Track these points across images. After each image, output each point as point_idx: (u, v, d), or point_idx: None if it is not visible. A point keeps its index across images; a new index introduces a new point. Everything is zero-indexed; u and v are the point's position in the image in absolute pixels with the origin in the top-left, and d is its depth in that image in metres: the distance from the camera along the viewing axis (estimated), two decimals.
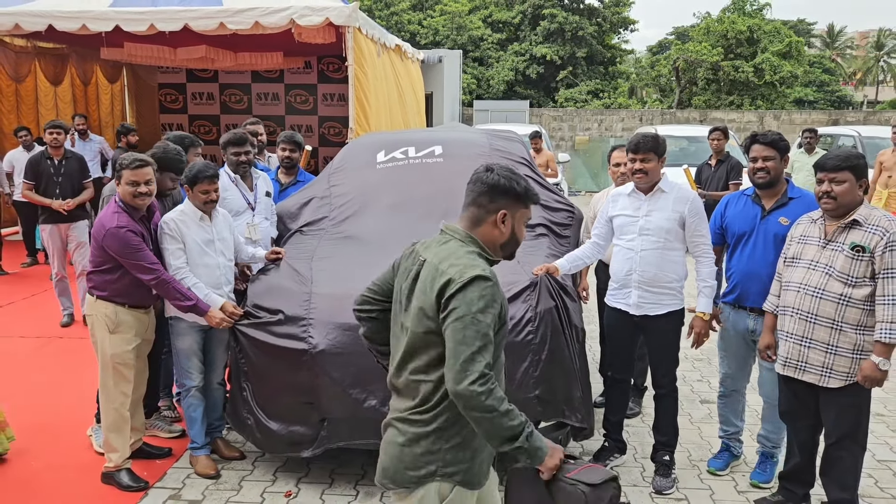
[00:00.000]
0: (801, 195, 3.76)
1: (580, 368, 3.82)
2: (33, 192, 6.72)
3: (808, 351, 3.30)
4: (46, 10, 8.49)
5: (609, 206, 4.03)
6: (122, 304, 3.84)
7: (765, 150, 3.73)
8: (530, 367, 3.65)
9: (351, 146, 5.67)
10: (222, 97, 14.17)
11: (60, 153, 6.88)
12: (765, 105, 26.50)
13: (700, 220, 3.78)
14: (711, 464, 4.18)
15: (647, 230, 3.81)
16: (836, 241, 3.23)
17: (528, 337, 3.66)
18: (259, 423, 3.86)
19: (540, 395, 3.66)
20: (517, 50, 29.01)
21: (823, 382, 3.27)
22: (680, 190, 3.86)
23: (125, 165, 3.76)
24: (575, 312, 3.87)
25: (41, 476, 4.01)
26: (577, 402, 3.78)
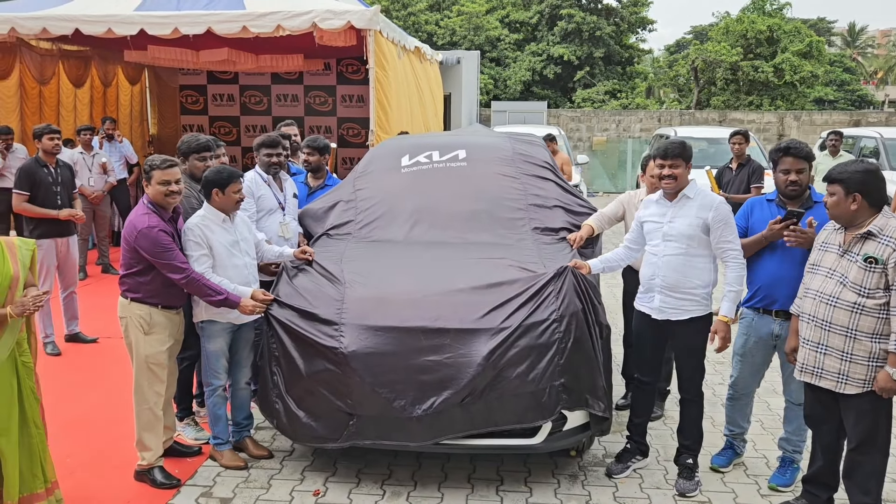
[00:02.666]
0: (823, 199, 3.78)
1: (604, 362, 3.89)
2: (31, 205, 5.93)
3: (823, 357, 3.33)
4: (73, 15, 8.62)
5: (641, 212, 4.10)
6: (155, 306, 3.93)
7: (798, 162, 3.77)
8: (555, 355, 3.72)
9: (376, 150, 5.75)
10: (242, 99, 14.29)
11: (55, 161, 6.20)
12: (784, 105, 26.31)
13: (726, 226, 3.79)
14: (714, 460, 4.24)
15: (671, 236, 3.86)
16: (852, 251, 3.27)
17: (553, 326, 3.74)
18: (287, 410, 3.93)
19: (565, 383, 3.73)
20: (534, 50, 28.98)
21: (840, 389, 3.30)
22: (705, 196, 3.88)
23: (156, 166, 3.85)
24: (600, 309, 3.95)
25: (76, 474, 4.10)
26: (600, 391, 3.85)
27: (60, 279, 6.19)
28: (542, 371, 3.70)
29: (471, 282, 3.97)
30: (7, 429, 3.30)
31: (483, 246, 4.49)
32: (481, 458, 4.27)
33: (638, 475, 4.15)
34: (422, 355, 3.69)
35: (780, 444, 4.11)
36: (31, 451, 3.41)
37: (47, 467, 3.51)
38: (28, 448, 3.40)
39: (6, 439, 3.30)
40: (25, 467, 3.39)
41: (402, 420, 3.68)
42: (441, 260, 4.30)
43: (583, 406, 3.81)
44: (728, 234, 3.80)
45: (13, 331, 3.31)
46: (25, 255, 3.41)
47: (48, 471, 3.51)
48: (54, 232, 6.02)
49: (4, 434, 3.29)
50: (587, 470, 4.20)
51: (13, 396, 3.33)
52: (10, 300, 3.27)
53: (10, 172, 8.36)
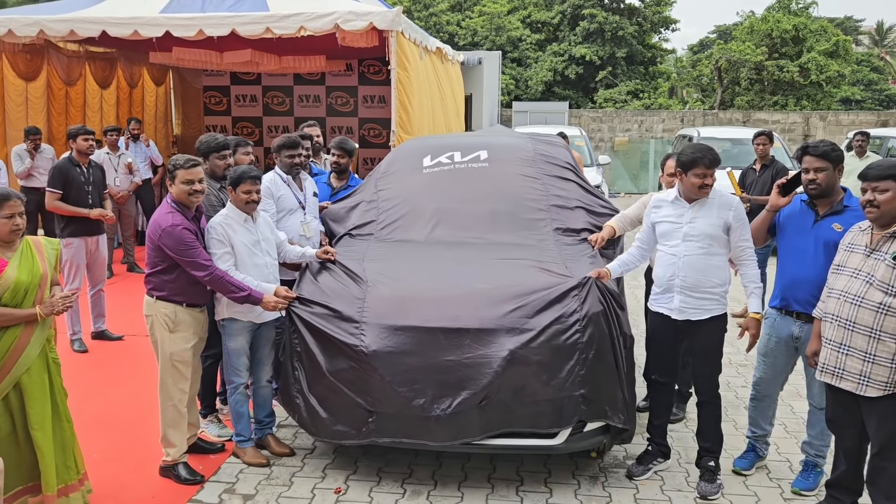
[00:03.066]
0: (857, 205, 3.67)
1: (626, 372, 3.87)
2: (63, 203, 6.06)
3: (845, 358, 3.30)
4: (100, 17, 8.74)
5: (652, 213, 4.07)
6: (180, 304, 3.98)
7: (816, 161, 3.73)
8: (576, 365, 3.70)
9: (397, 151, 5.78)
10: (265, 99, 14.42)
11: (87, 161, 6.36)
12: (810, 105, 25.95)
13: (744, 225, 3.85)
14: (737, 463, 4.21)
15: (692, 236, 3.85)
16: (880, 250, 3.24)
17: (576, 336, 3.72)
18: (308, 405, 3.97)
19: (585, 394, 3.72)
20: (556, 50, 28.86)
21: (861, 391, 3.26)
22: (723, 196, 3.90)
23: (180, 165, 3.91)
24: (624, 318, 3.92)
25: (103, 469, 4.17)
26: (620, 404, 3.84)
27: (89, 277, 6.31)
28: (562, 380, 3.69)
29: (492, 283, 3.98)
30: (42, 423, 3.41)
31: (504, 247, 4.49)
32: (501, 458, 4.28)
33: (659, 477, 4.13)
34: (441, 355, 3.71)
35: (804, 447, 4.07)
36: (64, 444, 3.54)
37: (78, 459, 3.63)
38: (61, 441, 3.52)
39: (42, 433, 3.40)
40: (59, 460, 3.50)
41: (421, 419, 3.70)
42: (462, 260, 4.31)
43: (602, 417, 3.81)
44: (746, 234, 3.87)
45: (44, 328, 3.42)
46: (51, 254, 3.53)
47: (79, 462, 3.63)
48: (84, 231, 6.15)
49: (40, 428, 3.40)
50: (608, 471, 4.19)
51: (46, 392, 3.44)
52: (39, 298, 3.38)
53: (39, 172, 8.53)
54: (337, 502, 3.86)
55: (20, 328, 3.32)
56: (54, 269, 3.53)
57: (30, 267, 3.37)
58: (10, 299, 3.30)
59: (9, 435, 3.40)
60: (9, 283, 3.28)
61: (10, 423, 3.39)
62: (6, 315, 3.27)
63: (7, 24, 8.67)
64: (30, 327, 3.35)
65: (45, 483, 3.42)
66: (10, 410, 3.38)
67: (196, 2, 8.99)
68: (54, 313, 3.38)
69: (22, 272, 3.33)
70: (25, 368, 3.35)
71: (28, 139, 8.69)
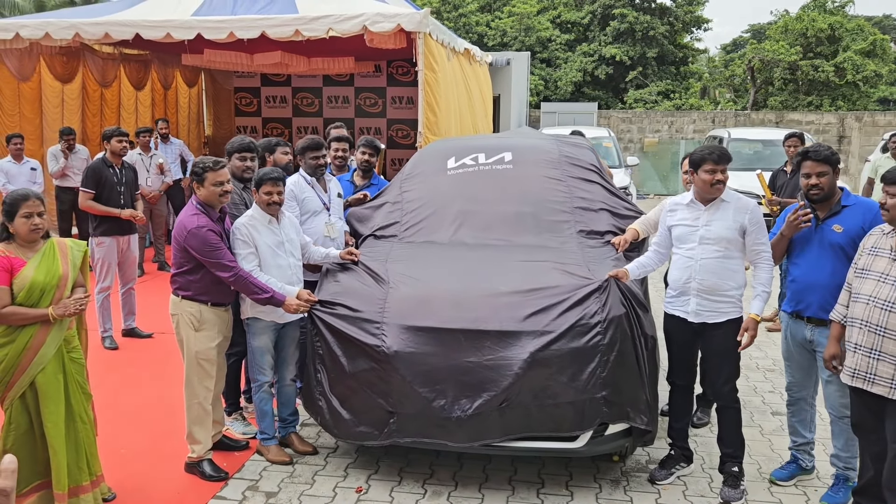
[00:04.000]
0: (855, 202, 3.78)
1: (649, 374, 3.85)
2: (96, 202, 6.19)
3: (876, 363, 3.26)
4: (134, 20, 8.92)
5: (667, 216, 4.06)
6: (205, 303, 4.05)
7: (818, 166, 3.75)
8: (598, 367, 3.70)
9: (422, 153, 5.80)
10: (294, 100, 14.56)
11: (121, 162, 6.48)
12: (846, 106, 25.46)
13: (760, 228, 3.82)
14: (775, 473, 4.15)
15: (708, 239, 3.83)
16: None
17: (597, 338, 3.71)
18: (330, 407, 4.00)
19: (607, 395, 3.71)
20: (586, 51, 28.69)
21: (892, 395, 3.22)
22: (739, 199, 3.89)
23: (209, 167, 3.97)
24: (646, 320, 3.90)
25: (130, 464, 4.26)
26: (642, 405, 3.82)
27: (120, 275, 6.45)
28: (583, 382, 3.68)
29: (514, 285, 3.98)
30: (56, 422, 3.44)
31: (528, 248, 4.49)
32: (522, 461, 4.28)
33: (682, 482, 4.10)
34: (462, 356, 3.72)
35: (832, 461, 3.98)
36: (78, 445, 3.55)
37: (93, 461, 3.64)
38: (74, 441, 3.53)
39: (55, 431, 3.44)
40: (72, 459, 3.52)
41: (442, 420, 3.72)
42: (485, 262, 4.32)
43: (624, 419, 3.79)
44: (762, 237, 3.83)
45: (61, 328, 3.45)
46: (77, 255, 3.56)
47: (94, 464, 3.65)
48: (116, 230, 6.28)
49: (53, 427, 3.44)
50: (630, 475, 4.17)
51: (60, 391, 3.47)
52: (58, 299, 3.41)
53: (73, 172, 8.71)
54: (358, 501, 3.89)
55: (36, 327, 3.36)
56: (79, 270, 3.55)
57: (48, 267, 3.40)
58: (25, 299, 3.33)
59: (26, 432, 3.45)
60: (25, 282, 3.32)
61: (28, 421, 3.45)
62: (19, 314, 3.31)
63: (44, 27, 8.88)
64: (46, 327, 3.38)
65: (56, 481, 3.46)
66: (28, 408, 3.44)
67: (227, 5, 9.13)
68: (67, 315, 3.39)
69: (39, 273, 3.36)
70: (41, 368, 3.39)
71: (62, 139, 8.88)
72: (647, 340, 3.87)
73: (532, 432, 3.74)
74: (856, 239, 3.62)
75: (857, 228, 3.65)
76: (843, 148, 20.13)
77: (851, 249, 3.61)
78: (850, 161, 19.31)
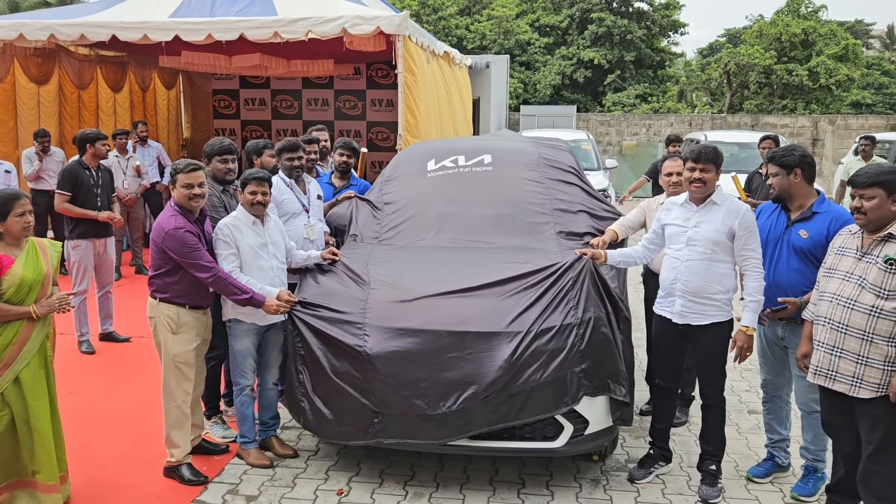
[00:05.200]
0: (826, 210, 3.81)
1: (624, 349, 3.92)
2: (72, 205, 6.11)
3: (838, 360, 3.32)
4: (110, 21, 8.83)
5: (662, 214, 4.09)
6: (183, 306, 4.02)
7: (771, 167, 3.88)
8: (576, 342, 3.76)
9: (402, 155, 5.81)
10: (273, 103, 14.50)
11: (97, 164, 6.39)
12: (819, 109, 25.85)
13: (750, 234, 3.80)
14: (751, 470, 4.21)
15: (695, 241, 3.85)
16: (872, 253, 3.26)
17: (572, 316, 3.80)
18: (313, 407, 3.99)
19: (586, 368, 3.76)
20: (564, 54, 28.85)
21: (854, 392, 3.28)
22: (732, 203, 3.88)
23: (180, 170, 3.97)
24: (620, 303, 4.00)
25: (107, 468, 4.22)
26: (621, 377, 3.87)
27: (97, 279, 6.37)
28: (562, 359, 3.73)
29: (493, 283, 4.00)
30: (44, 413, 3.53)
31: (508, 250, 4.51)
32: (503, 461, 4.30)
33: (661, 481, 4.14)
34: (444, 353, 3.73)
35: (802, 453, 4.07)
36: (57, 438, 3.65)
37: (64, 457, 3.73)
38: (55, 434, 3.63)
39: (45, 423, 3.52)
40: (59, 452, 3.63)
41: (426, 418, 3.72)
42: (465, 263, 4.33)
43: (605, 391, 3.82)
44: (751, 243, 3.80)
45: (44, 325, 3.55)
46: (54, 255, 3.65)
47: (64, 461, 3.73)
48: (93, 233, 6.22)
49: (43, 420, 3.52)
50: (609, 474, 4.20)
51: (44, 386, 3.56)
52: (41, 296, 3.51)
53: (48, 175, 8.61)
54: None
55: (22, 323, 3.46)
56: (56, 269, 3.65)
57: (34, 265, 3.51)
58: (13, 295, 3.42)
59: (7, 429, 3.49)
60: (15, 279, 3.41)
61: (9, 419, 3.48)
62: (3, 311, 3.39)
63: (18, 28, 8.77)
64: (31, 323, 3.48)
65: (47, 473, 3.54)
66: (9, 404, 3.47)
67: (205, 6, 9.07)
68: (51, 313, 3.53)
69: (28, 270, 3.46)
70: (25, 363, 3.48)
71: (37, 142, 8.77)
72: (620, 319, 3.95)
73: (517, 419, 3.74)
74: (820, 246, 3.70)
75: (821, 237, 3.72)
76: (817, 151, 20.43)
77: (813, 255, 3.72)
78: (823, 164, 19.59)
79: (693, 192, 3.90)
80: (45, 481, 3.54)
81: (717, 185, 3.93)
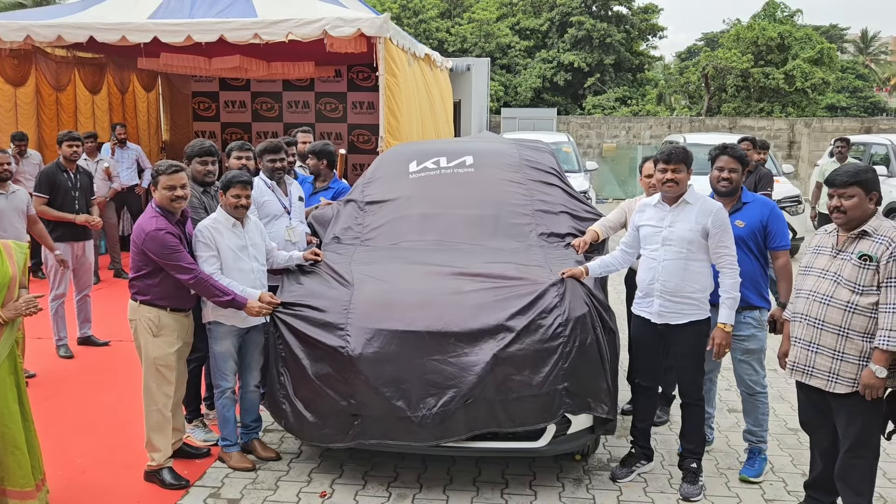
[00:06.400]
0: (753, 199, 4.14)
1: (610, 363, 3.92)
2: (50, 208, 6.11)
3: (815, 356, 3.37)
4: (87, 22, 8.73)
5: (637, 216, 4.13)
6: (164, 308, 3.99)
7: (731, 162, 4.08)
8: (559, 360, 3.75)
9: (384, 156, 5.82)
10: (254, 105, 14.43)
11: (75, 167, 6.42)
12: (795, 112, 26.21)
13: (723, 232, 3.84)
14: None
15: (670, 241, 3.90)
16: (847, 250, 3.32)
17: (558, 331, 3.77)
18: (294, 410, 3.98)
19: (568, 387, 3.76)
20: (545, 57, 29.01)
21: (830, 388, 3.33)
22: (705, 202, 3.93)
23: (162, 171, 3.94)
24: (606, 314, 3.98)
25: (87, 473, 4.17)
26: (603, 395, 3.87)
27: (75, 282, 6.31)
28: (545, 375, 3.73)
29: (476, 286, 4.01)
30: (15, 420, 3.43)
31: (490, 251, 4.53)
32: (487, 461, 4.31)
33: (642, 479, 4.17)
34: (426, 356, 3.74)
35: (745, 436, 4.26)
36: (31, 445, 3.54)
37: (41, 462, 3.64)
38: (28, 441, 3.52)
39: (17, 430, 3.42)
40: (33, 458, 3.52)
41: (406, 420, 3.72)
42: (448, 264, 4.34)
43: (586, 409, 3.84)
44: (726, 240, 3.85)
45: (13, 329, 3.44)
46: (20, 257, 3.54)
47: (41, 466, 3.64)
48: (71, 236, 6.18)
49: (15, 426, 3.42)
50: (592, 474, 4.23)
51: (14, 392, 3.46)
52: (8, 299, 3.39)
53: (25, 178, 8.49)
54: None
55: None
56: (23, 272, 3.54)
57: (0, 268, 3.38)
58: None
59: None
60: None
61: None
62: None
63: None
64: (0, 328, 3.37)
65: (22, 480, 3.45)
66: None
67: (184, 8, 9.01)
68: (18, 317, 3.41)
69: None
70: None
71: (13, 144, 8.66)
72: (607, 331, 3.95)
73: (497, 428, 3.76)
74: (756, 232, 4.02)
75: (757, 223, 4.04)
76: (794, 153, 20.71)
77: (752, 242, 4.03)
78: (800, 165, 19.86)
79: (666, 192, 3.95)
80: (17, 488, 3.44)
81: (688, 185, 3.97)
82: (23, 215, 5.65)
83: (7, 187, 5.60)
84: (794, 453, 4.49)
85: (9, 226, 5.48)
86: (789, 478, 4.22)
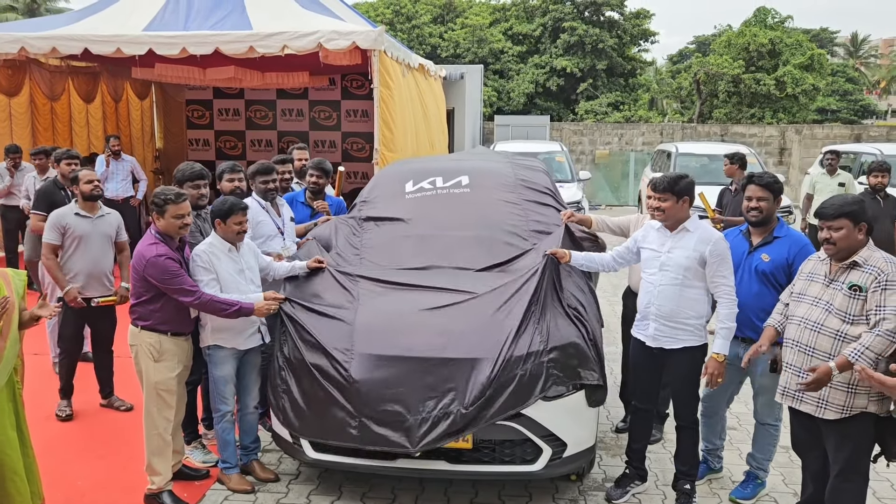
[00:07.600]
0: (787, 234, 4.04)
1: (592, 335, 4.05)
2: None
3: None
4: (82, 34, 8.73)
5: (640, 235, 4.20)
6: (164, 333, 4.03)
7: (760, 191, 4.03)
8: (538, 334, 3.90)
9: (380, 175, 5.86)
10: (248, 113, 14.44)
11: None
12: (787, 118, 26.40)
13: (721, 261, 3.88)
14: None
15: (668, 266, 3.95)
16: (838, 280, 3.39)
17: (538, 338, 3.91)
18: (294, 406, 4.01)
19: (555, 358, 3.86)
20: (537, 62, 29.15)
21: (819, 413, 3.39)
22: (705, 230, 3.98)
23: (171, 200, 3.97)
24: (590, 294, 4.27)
25: (87, 496, 4.19)
26: (592, 363, 3.96)
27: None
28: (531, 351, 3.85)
29: (475, 309, 4.07)
30: (14, 447, 3.44)
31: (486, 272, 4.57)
32: (483, 483, 4.35)
33: (637, 500, 4.23)
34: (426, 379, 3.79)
35: (748, 459, 4.31)
36: (30, 471, 3.55)
37: (40, 487, 3.65)
38: (27, 467, 3.53)
39: (15, 456, 3.43)
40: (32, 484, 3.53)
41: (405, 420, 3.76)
42: (445, 286, 4.38)
43: (576, 378, 3.89)
44: (723, 270, 3.88)
45: (11, 356, 3.41)
46: (19, 285, 3.54)
47: (40, 491, 3.65)
48: None
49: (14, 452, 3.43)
50: (587, 494, 4.28)
51: (13, 419, 3.46)
52: (6, 326, 3.35)
53: (19, 191, 8.48)
54: None
55: None
56: (22, 298, 3.53)
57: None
58: None
59: None
60: None
61: None
62: None
63: None
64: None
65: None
66: None
67: (179, 20, 9.02)
68: None
69: None
70: None
71: (8, 157, 8.64)
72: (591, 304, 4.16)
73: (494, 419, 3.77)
74: (781, 268, 3.94)
75: (783, 260, 3.95)
76: (785, 160, 20.85)
77: (775, 278, 3.95)
78: (791, 172, 20.01)
79: (655, 218, 4.02)
80: None
81: (689, 214, 4.02)
82: (111, 241, 5.29)
83: (95, 209, 5.22)
84: (785, 472, 4.56)
85: (97, 251, 5.14)
86: (781, 497, 4.29)
